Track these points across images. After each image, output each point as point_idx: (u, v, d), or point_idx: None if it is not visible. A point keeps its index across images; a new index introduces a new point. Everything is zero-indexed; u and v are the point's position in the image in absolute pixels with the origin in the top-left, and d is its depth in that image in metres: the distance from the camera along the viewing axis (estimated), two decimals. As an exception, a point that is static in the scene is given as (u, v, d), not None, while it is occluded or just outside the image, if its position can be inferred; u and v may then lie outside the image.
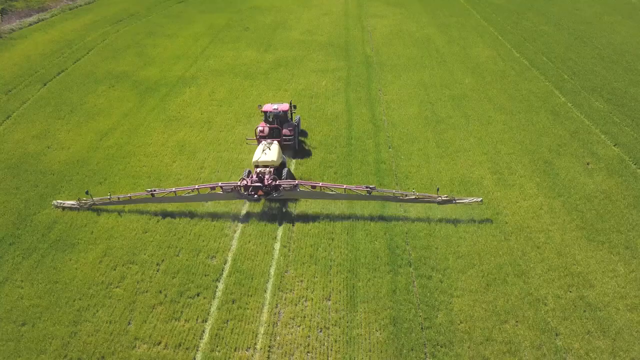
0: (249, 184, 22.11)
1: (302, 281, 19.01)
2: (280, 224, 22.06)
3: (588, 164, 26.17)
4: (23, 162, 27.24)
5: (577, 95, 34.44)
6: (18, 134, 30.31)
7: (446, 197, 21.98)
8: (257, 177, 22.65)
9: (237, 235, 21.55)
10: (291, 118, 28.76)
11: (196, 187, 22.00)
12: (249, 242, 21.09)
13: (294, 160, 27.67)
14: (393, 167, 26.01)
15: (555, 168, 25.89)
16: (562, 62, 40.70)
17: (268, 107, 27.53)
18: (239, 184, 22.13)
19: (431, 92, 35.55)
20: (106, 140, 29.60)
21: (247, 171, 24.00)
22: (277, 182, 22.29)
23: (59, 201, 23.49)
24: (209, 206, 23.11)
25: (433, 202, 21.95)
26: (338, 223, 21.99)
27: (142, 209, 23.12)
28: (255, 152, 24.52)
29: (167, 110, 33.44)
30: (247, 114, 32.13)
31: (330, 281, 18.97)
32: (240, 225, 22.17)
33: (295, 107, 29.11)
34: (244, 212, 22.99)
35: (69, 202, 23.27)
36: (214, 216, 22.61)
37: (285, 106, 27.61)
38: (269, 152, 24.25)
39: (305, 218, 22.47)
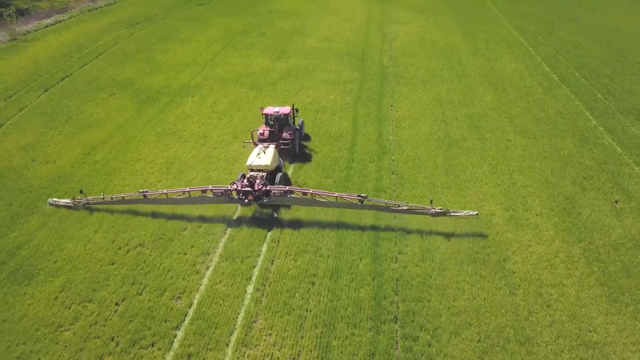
0: (239, 188, 21.67)
1: (270, 334, 16.74)
2: (256, 264, 19.83)
3: (616, 202, 22.99)
4: (3, 176, 25.89)
5: (610, 118, 31.03)
6: (7, 144, 29.10)
7: (440, 209, 20.74)
8: (247, 181, 22.11)
9: (209, 272, 19.46)
10: (293, 122, 28.08)
11: (187, 189, 21.66)
12: (221, 281, 18.96)
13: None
14: (393, 197, 23.45)
15: (577, 205, 22.82)
16: (597, 78, 37.16)
17: (269, 109, 27.14)
18: (229, 187, 21.64)
19: (447, 109, 32.72)
20: (94, 155, 28.04)
21: (240, 175, 23.36)
22: (268, 187, 21.71)
23: (54, 199, 23.39)
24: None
25: (426, 213, 20.79)
26: (322, 263, 19.64)
27: (121, 229, 21.40)
28: (250, 156, 24.03)
29: (164, 122, 31.72)
30: (246, 129, 30.08)
31: (302, 337, 16.63)
32: (215, 259, 20.09)
33: (297, 110, 28.34)
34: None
35: (63, 201, 23.19)
36: (187, 249, 20.60)
37: (286, 109, 27.01)
38: (263, 156, 23.68)
39: (287, 254, 20.21)
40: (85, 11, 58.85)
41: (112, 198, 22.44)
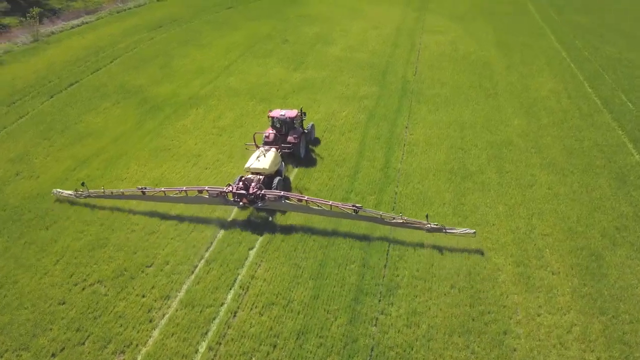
0: (234, 190, 21.51)
1: (212, 411, 14.38)
2: (216, 316, 17.49)
3: (654, 263, 19.32)
4: (-19, 192, 24.74)
5: (657, 154, 27.01)
6: (-4, 154, 28.11)
7: (436, 225, 19.81)
8: (243, 184, 21.96)
9: (163, 322, 17.30)
10: (301, 125, 27.60)
11: (184, 188, 21.67)
12: (173, 334, 16.73)
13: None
14: (390, 236, 20.63)
15: (604, 265, 19.27)
16: (646, 104, 32.87)
17: (275, 112, 26.91)
18: (225, 189, 21.51)
19: (468, 134, 29.43)
20: (80, 171, 26.52)
21: (239, 177, 22.97)
22: (263, 192, 21.37)
23: (58, 190, 23.85)
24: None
25: (421, 228, 19.88)
26: (290, 321, 17.09)
27: (83, 261, 19.59)
28: (250, 158, 23.81)
29: (161, 136, 29.95)
30: (244, 148, 27.86)
31: (247, 417, 14.18)
32: (174, 305, 17.91)
33: (305, 114, 28.10)
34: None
35: (66, 192, 23.63)
36: (147, 291, 18.51)
37: (292, 113, 26.75)
38: (262, 159, 23.38)
39: (254, 305, 17.78)
40: (114, 12, 58.45)
41: (112, 192, 22.81)
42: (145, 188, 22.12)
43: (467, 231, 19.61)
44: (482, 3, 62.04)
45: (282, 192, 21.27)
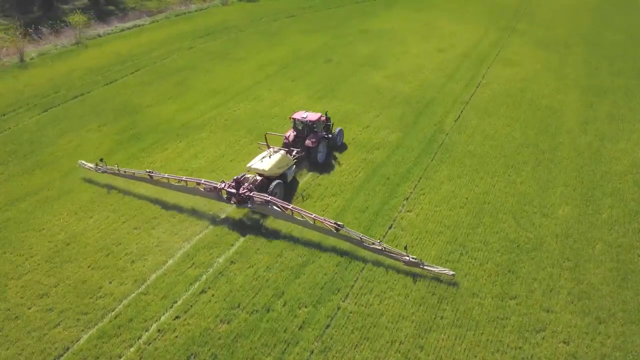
0: (225, 188, 21.58)
1: None
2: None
3: None
4: None
5: None
6: (-60, 181, 25.71)
7: (414, 258, 18.47)
8: (235, 182, 21.79)
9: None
10: (328, 130, 27.07)
11: (183, 178, 22.64)
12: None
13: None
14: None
15: None
16: None
17: (298, 114, 26.30)
18: (218, 185, 21.73)
19: (483, 223, 21.50)
20: (8, 211, 23.07)
21: (240, 175, 22.68)
22: (252, 194, 21.16)
23: (82, 161, 25.50)
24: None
25: (399, 259, 18.75)
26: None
27: None
28: (255, 157, 23.51)
29: (114, 178, 25.21)
30: (204, 205, 22.63)
31: None
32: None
33: (329, 119, 27.56)
34: None
35: (89, 165, 25.12)
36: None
37: (314, 116, 26.03)
38: (266, 160, 22.88)
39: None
40: (172, 16, 56.42)
41: (125, 172, 23.86)
42: (153, 172, 23.17)
43: (446, 271, 18.00)
44: (587, 27, 50.84)
45: (269, 197, 20.76)
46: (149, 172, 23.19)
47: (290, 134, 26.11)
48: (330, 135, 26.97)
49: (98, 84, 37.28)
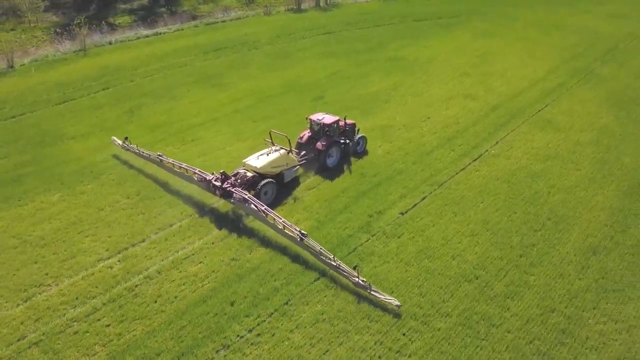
0: (212, 180, 21.90)
1: None
2: None
3: None
4: None
5: None
6: None
7: (363, 281, 17.29)
8: (222, 176, 22.08)
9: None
10: (345, 135, 25.98)
11: (183, 165, 23.27)
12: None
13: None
14: None
15: None
16: None
17: (315, 116, 25.85)
18: (207, 176, 22.19)
19: None
20: None
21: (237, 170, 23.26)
22: (233, 190, 21.29)
23: (114, 138, 27.23)
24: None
25: (349, 279, 17.69)
26: None
27: None
28: (254, 154, 23.55)
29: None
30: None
31: None
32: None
33: (354, 125, 26.82)
34: None
35: (118, 141, 26.71)
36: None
37: (330, 119, 25.32)
38: (262, 158, 22.92)
39: None
40: (202, 24, 52.54)
41: (142, 152, 25.22)
42: (162, 155, 24.15)
43: (391, 300, 16.75)
44: None
45: (247, 196, 20.82)
46: (159, 155, 24.38)
47: (305, 134, 25.68)
48: (347, 142, 25.78)
49: (48, 103, 34.00)
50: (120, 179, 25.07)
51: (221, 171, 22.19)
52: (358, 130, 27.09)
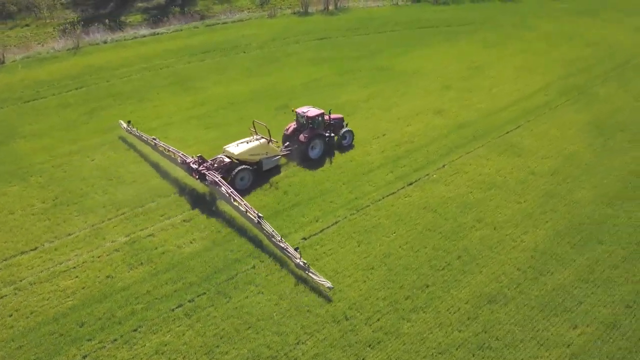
0: (190, 163, 23.23)
1: None
2: None
3: None
4: None
5: None
6: None
7: (304, 263, 17.94)
8: (199, 159, 23.37)
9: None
10: (331, 129, 26.73)
11: (171, 149, 24.91)
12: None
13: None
14: None
15: None
16: None
17: (301, 109, 26.65)
18: (187, 159, 23.57)
19: None
20: None
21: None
22: (207, 172, 22.57)
23: (121, 121, 29.40)
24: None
25: (292, 260, 18.48)
26: None
27: None
28: (235, 141, 24.58)
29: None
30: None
31: None
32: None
33: (342, 119, 27.94)
34: None
35: (124, 124, 28.88)
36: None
37: (314, 112, 26.10)
38: (241, 145, 24.00)
39: None
40: (202, 26, 52.16)
41: (142, 136, 27.09)
42: (156, 139, 25.87)
43: (324, 282, 17.36)
44: None
45: (218, 179, 22.02)
46: (154, 139, 25.95)
47: (291, 126, 26.63)
48: (332, 135, 26.73)
49: (19, 100, 34.61)
50: (47, 182, 24.90)
51: (198, 154, 23.66)
52: (346, 124, 28.00)
